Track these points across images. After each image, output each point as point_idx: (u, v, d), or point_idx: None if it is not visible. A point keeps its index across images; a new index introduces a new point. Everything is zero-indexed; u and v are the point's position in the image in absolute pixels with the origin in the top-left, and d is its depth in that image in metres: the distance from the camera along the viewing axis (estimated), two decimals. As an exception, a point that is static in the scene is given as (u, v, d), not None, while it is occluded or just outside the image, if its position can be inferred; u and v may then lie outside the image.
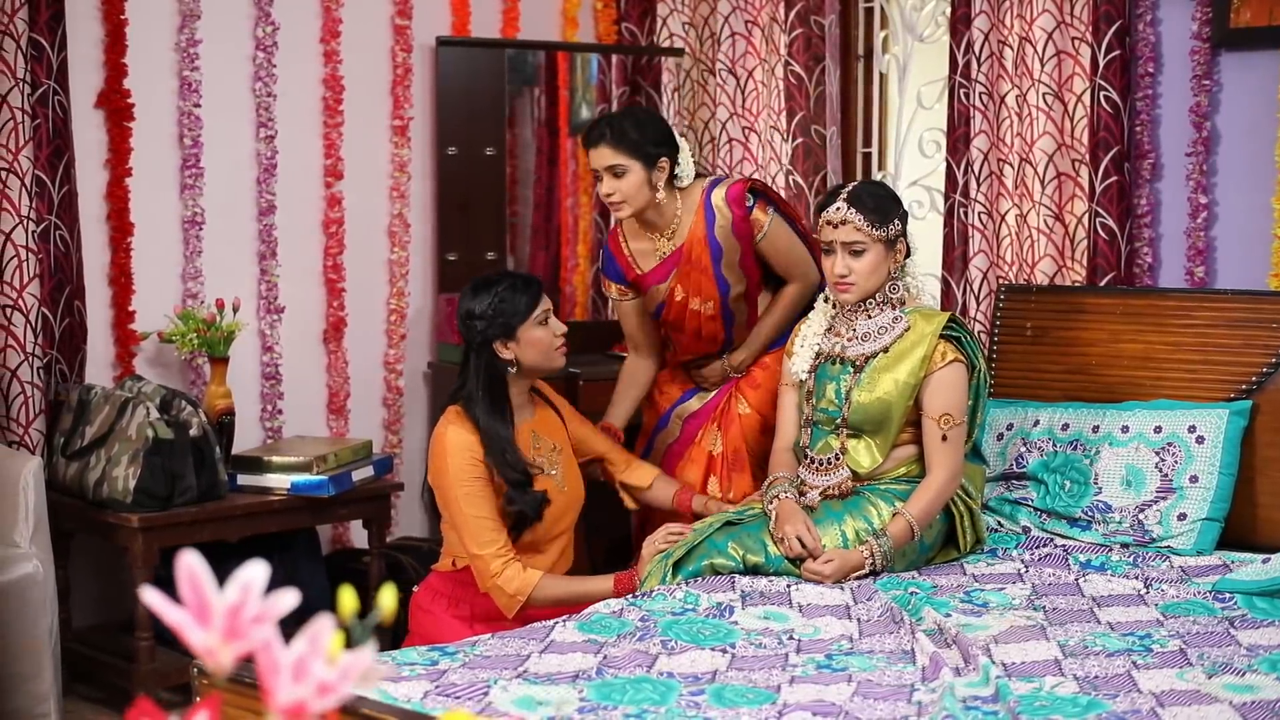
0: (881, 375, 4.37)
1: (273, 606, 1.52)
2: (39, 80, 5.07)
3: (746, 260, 4.88)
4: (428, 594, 4.59)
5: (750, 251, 4.86)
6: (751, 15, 6.31)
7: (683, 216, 4.87)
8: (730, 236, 4.83)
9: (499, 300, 4.46)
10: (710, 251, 4.84)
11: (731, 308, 4.93)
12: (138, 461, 4.93)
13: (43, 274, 5.11)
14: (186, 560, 1.51)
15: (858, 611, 3.95)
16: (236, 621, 1.52)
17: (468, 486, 4.39)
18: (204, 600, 1.52)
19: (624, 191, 4.74)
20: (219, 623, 1.52)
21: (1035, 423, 4.94)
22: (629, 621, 3.81)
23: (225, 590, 1.52)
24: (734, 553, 4.22)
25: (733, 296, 4.90)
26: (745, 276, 4.90)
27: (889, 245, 4.37)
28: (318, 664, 1.50)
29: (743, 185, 4.87)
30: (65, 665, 4.99)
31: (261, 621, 1.52)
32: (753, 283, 4.93)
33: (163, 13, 5.59)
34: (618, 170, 4.73)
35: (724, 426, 4.96)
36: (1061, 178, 5.43)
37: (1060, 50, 5.41)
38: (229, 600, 1.52)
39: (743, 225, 4.82)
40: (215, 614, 1.52)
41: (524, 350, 4.48)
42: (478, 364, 4.47)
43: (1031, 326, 5.19)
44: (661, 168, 4.77)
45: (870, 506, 4.31)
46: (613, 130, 4.75)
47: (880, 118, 6.42)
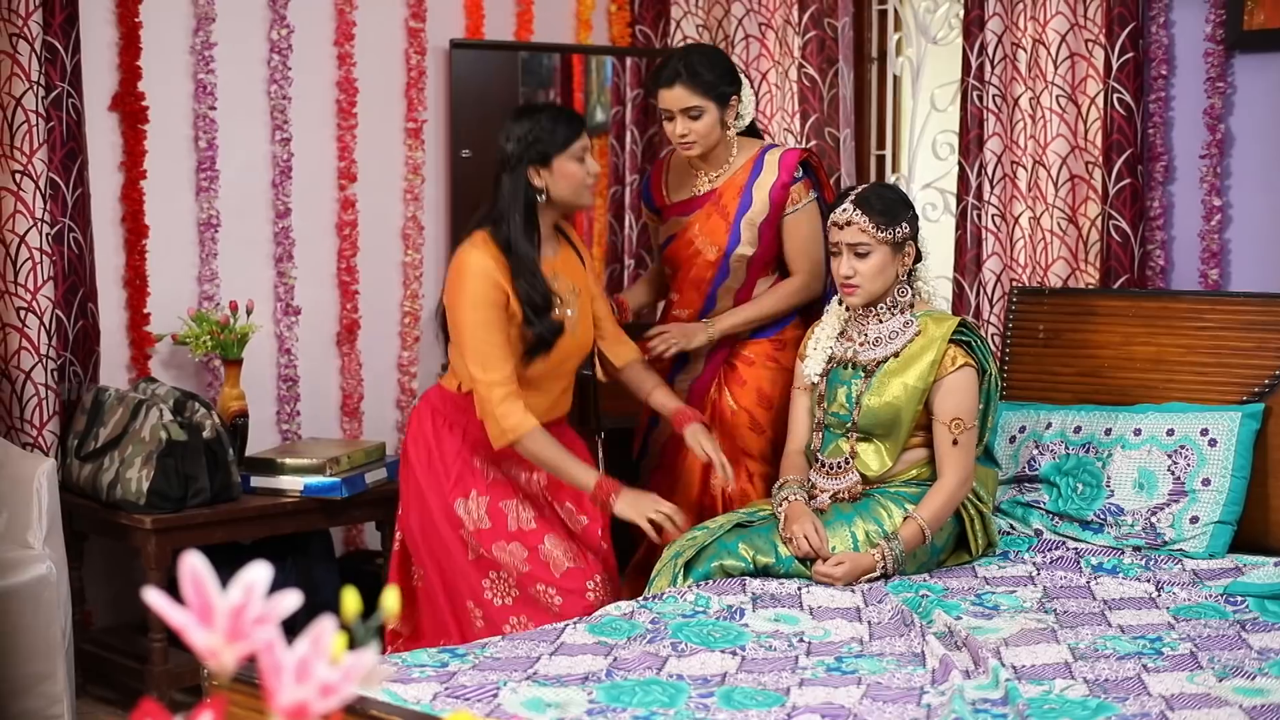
0: (892, 379, 4.37)
1: (275, 607, 1.53)
2: (53, 83, 5.09)
3: (768, 225, 4.86)
4: (426, 408, 4.61)
5: (775, 220, 4.86)
6: (765, 18, 6.31)
7: (734, 162, 4.89)
8: (766, 195, 4.84)
9: (540, 126, 4.45)
10: (741, 200, 4.85)
11: (731, 265, 4.89)
12: (151, 463, 4.94)
13: (57, 276, 5.13)
14: (189, 561, 1.52)
15: (868, 614, 3.95)
16: (239, 622, 1.53)
17: (483, 313, 4.36)
18: (207, 601, 1.53)
19: (698, 132, 4.77)
20: (222, 624, 1.53)
21: (1047, 425, 4.93)
22: (639, 624, 3.81)
23: (229, 591, 1.53)
24: (744, 554, 4.23)
25: (736, 254, 4.87)
26: (759, 239, 4.87)
27: (896, 248, 4.37)
28: (320, 665, 1.50)
29: (800, 154, 4.90)
30: (79, 666, 5.00)
31: (264, 622, 1.53)
32: (763, 248, 4.89)
33: (178, 16, 5.60)
34: (694, 112, 4.75)
35: (715, 421, 4.91)
36: (1075, 180, 5.42)
37: (1074, 52, 5.40)
38: (232, 601, 1.53)
39: (781, 192, 4.84)
40: (218, 615, 1.53)
41: (556, 181, 4.45)
42: (513, 187, 4.44)
43: (1044, 329, 5.19)
44: (733, 106, 4.81)
45: (881, 509, 4.31)
46: (688, 71, 4.76)
47: (894, 120, 6.41)
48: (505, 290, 4.37)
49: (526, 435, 4.34)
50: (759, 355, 4.92)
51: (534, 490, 4.57)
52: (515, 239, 4.39)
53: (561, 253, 4.61)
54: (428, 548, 4.54)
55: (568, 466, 4.40)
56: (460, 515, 4.47)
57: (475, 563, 4.46)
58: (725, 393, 4.94)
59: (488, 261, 4.38)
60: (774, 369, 4.92)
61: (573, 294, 4.57)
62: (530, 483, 4.56)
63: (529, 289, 4.37)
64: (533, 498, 4.54)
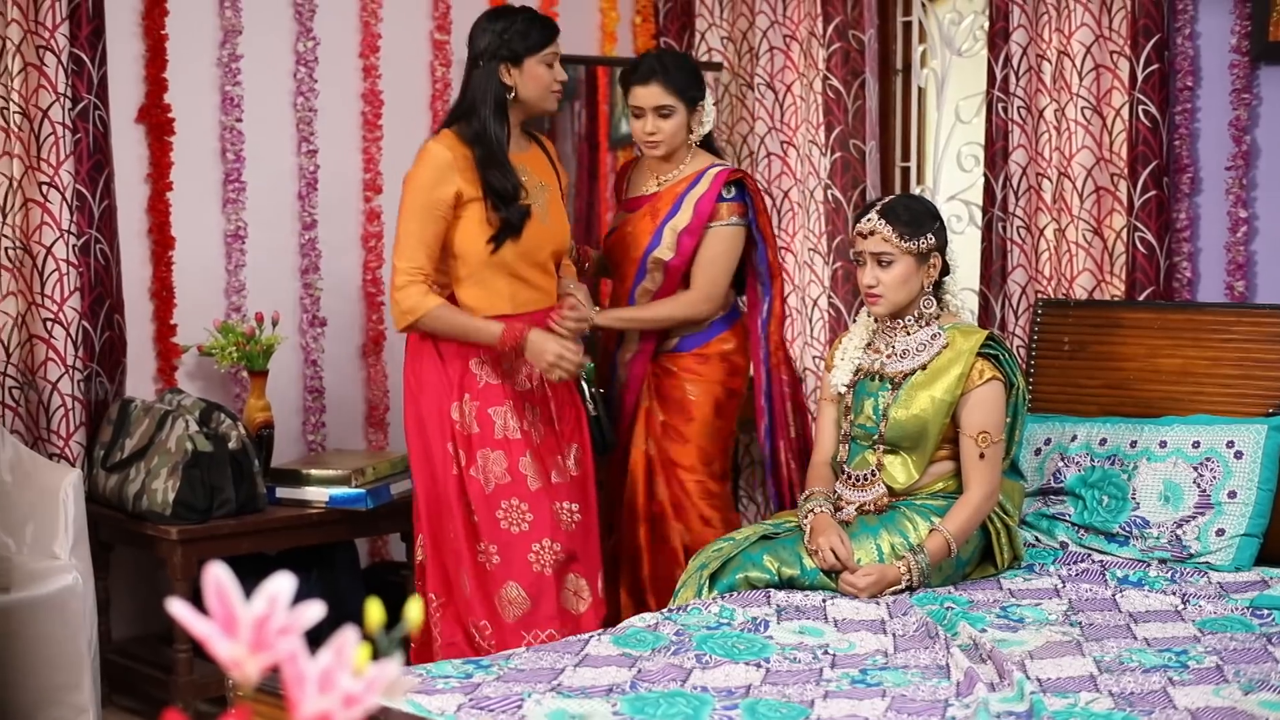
0: (918, 392, 4.36)
1: (299, 618, 1.53)
2: (79, 95, 5.11)
3: (688, 235, 4.94)
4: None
5: (696, 231, 4.93)
6: (790, 30, 6.32)
7: (682, 171, 4.98)
8: (693, 206, 4.91)
9: (514, 27, 4.61)
10: (672, 207, 4.94)
11: (649, 266, 4.98)
12: (177, 474, 4.96)
13: (83, 287, 5.14)
14: (213, 572, 1.52)
15: (893, 626, 3.95)
16: (263, 633, 1.53)
17: (420, 199, 4.56)
18: (231, 612, 1.53)
19: (665, 132, 4.91)
20: (246, 634, 1.53)
21: (1073, 438, 4.92)
22: (664, 635, 3.81)
23: (253, 602, 1.53)
24: (770, 565, 4.23)
25: (653, 256, 4.95)
26: (677, 247, 4.94)
27: (920, 258, 4.37)
28: (344, 676, 1.51)
29: (730, 173, 4.97)
30: (105, 677, 5.01)
31: (288, 633, 1.53)
32: (679, 257, 4.95)
33: (204, 28, 5.62)
34: (665, 111, 4.88)
35: (648, 431, 5.04)
36: (1100, 192, 5.42)
37: (1099, 64, 5.40)
38: (256, 612, 1.53)
39: (706, 204, 4.91)
40: (242, 625, 1.53)
41: (524, 81, 4.60)
42: (484, 83, 4.59)
43: (1069, 341, 5.18)
44: (699, 112, 4.93)
45: (907, 522, 4.30)
46: (664, 70, 4.89)
47: (919, 132, 6.41)
48: (457, 187, 4.55)
49: (426, 314, 4.53)
50: (680, 367, 5.00)
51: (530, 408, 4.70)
52: (485, 130, 4.56)
53: (530, 151, 4.77)
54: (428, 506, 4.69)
55: (474, 328, 4.57)
56: (454, 419, 4.60)
57: (467, 530, 4.59)
58: (654, 404, 5.03)
59: (446, 155, 4.57)
60: (696, 381, 5.00)
61: (540, 189, 4.70)
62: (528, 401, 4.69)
63: (499, 177, 4.54)
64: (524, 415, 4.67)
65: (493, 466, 4.59)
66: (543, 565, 4.57)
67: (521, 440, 4.61)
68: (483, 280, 4.63)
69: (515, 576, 4.57)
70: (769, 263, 5.04)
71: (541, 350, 4.53)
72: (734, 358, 5.06)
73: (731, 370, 5.05)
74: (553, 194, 4.75)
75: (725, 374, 5.03)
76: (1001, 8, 5.59)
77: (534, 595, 4.55)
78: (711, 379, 5.00)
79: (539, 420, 4.68)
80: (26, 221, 5.07)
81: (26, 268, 5.09)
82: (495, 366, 4.63)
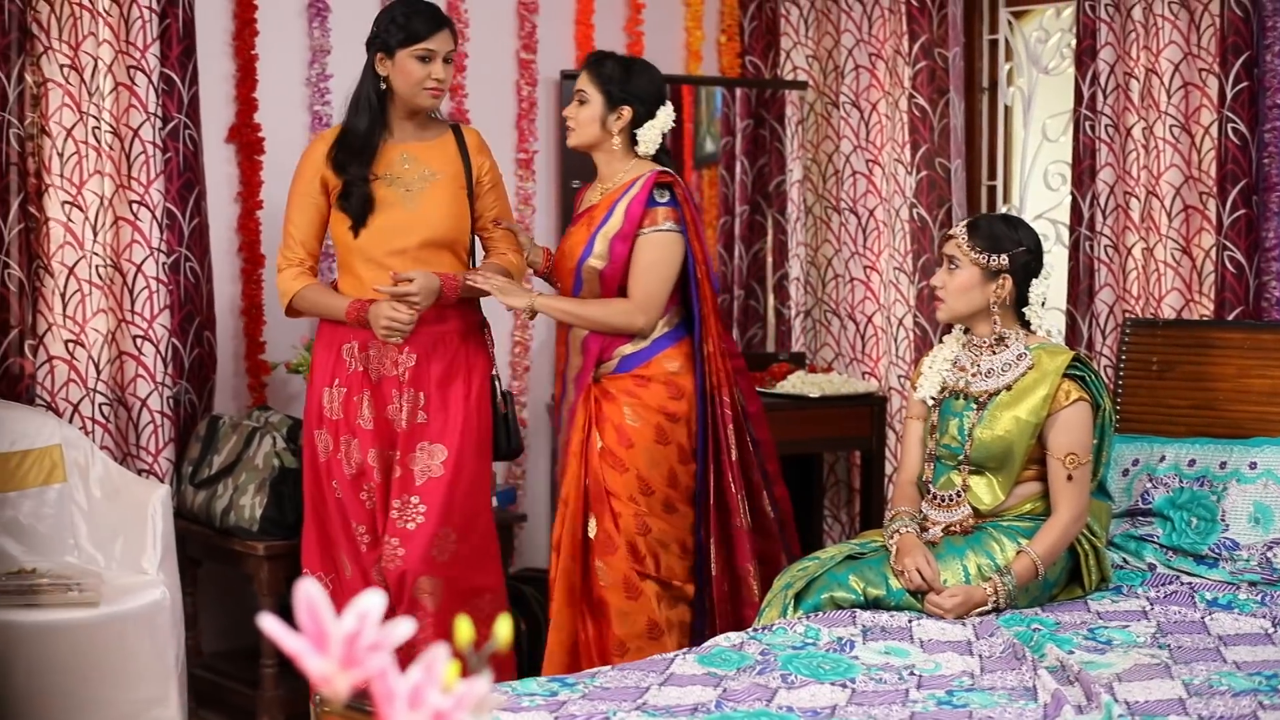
0: (1003, 413, 4.33)
1: (389, 635, 1.54)
2: (170, 114, 5.16)
3: (619, 240, 4.69)
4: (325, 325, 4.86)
5: (628, 236, 4.68)
6: (875, 48, 6.31)
7: (618, 180, 4.78)
8: (623, 210, 4.70)
9: (392, 18, 4.63)
10: (605, 214, 4.74)
11: (584, 275, 4.76)
12: (264, 490, 4.99)
13: (173, 305, 5.20)
14: (305, 588, 1.53)
15: (979, 647, 3.92)
16: (353, 649, 1.54)
17: (296, 191, 4.75)
18: (322, 628, 1.54)
19: (577, 119, 4.78)
20: (336, 650, 1.54)
21: (1161, 458, 4.88)
22: (749, 655, 3.80)
23: (343, 618, 1.54)
24: (855, 586, 4.21)
25: (587, 265, 4.74)
26: (609, 254, 4.71)
27: (987, 274, 4.34)
28: (433, 692, 1.51)
29: (657, 176, 4.71)
30: (192, 691, 5.04)
31: (378, 650, 1.54)
32: (612, 265, 4.70)
33: (293, 48, 5.67)
34: (582, 96, 4.76)
35: (585, 462, 4.73)
36: (1189, 211, 5.38)
37: (1187, 82, 5.37)
38: (346, 628, 1.54)
39: (637, 208, 4.68)
40: (333, 642, 1.54)
41: (395, 74, 4.64)
42: (365, 72, 4.69)
43: (1158, 361, 5.13)
44: (620, 115, 4.74)
45: (993, 543, 4.28)
46: (596, 59, 4.81)
47: (1005, 150, 6.38)
48: (323, 176, 4.69)
49: (295, 296, 4.71)
50: (619, 390, 4.71)
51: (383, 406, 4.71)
52: (352, 120, 4.66)
53: (431, 140, 4.79)
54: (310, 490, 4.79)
55: (330, 306, 4.69)
56: (324, 404, 4.71)
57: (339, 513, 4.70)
58: (594, 432, 4.73)
59: (320, 147, 4.72)
60: (634, 405, 4.69)
61: (424, 177, 4.72)
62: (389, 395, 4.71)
63: (352, 164, 4.62)
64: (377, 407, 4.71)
65: (354, 452, 4.68)
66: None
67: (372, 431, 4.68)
68: (350, 267, 4.74)
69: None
70: (697, 278, 4.72)
71: (375, 316, 4.54)
72: (678, 379, 4.74)
73: (675, 393, 4.72)
74: (442, 182, 4.74)
75: (668, 397, 4.71)
76: (1089, 25, 5.56)
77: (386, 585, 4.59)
78: (651, 403, 4.69)
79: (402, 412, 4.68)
80: (117, 239, 5.13)
81: (117, 285, 5.14)
82: (363, 353, 4.69)
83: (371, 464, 4.66)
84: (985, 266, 4.33)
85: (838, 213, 6.54)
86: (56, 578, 4.68)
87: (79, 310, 5.09)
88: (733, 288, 6.79)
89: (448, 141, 4.81)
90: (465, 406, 4.72)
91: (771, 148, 6.71)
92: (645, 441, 4.68)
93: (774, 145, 6.70)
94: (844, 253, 6.52)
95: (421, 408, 4.67)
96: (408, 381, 4.66)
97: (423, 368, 4.67)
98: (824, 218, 6.64)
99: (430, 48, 4.62)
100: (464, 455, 4.69)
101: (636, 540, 4.66)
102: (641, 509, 4.67)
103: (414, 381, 4.67)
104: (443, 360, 4.72)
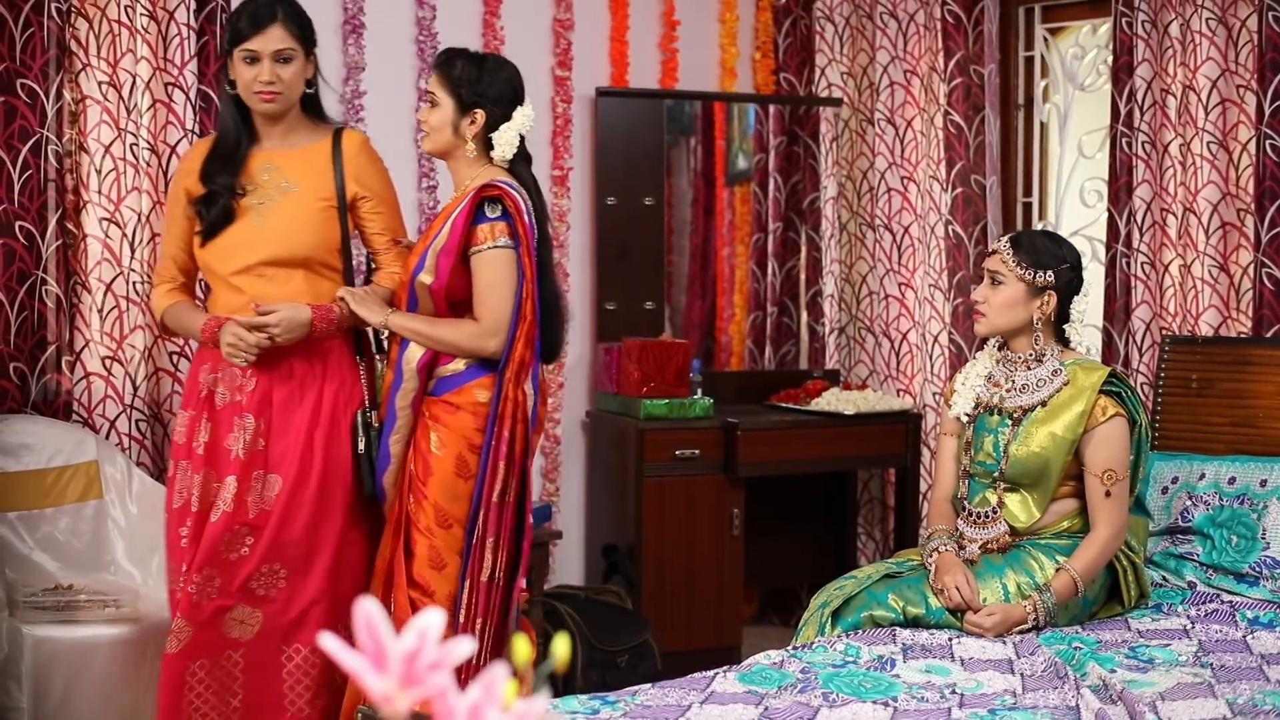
0: (1038, 429, 4.32)
1: (449, 653, 1.54)
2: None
3: (445, 255, 4.31)
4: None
5: (453, 251, 4.30)
6: (911, 65, 6.31)
7: (467, 189, 4.38)
8: (450, 223, 4.32)
9: (233, 15, 4.34)
10: (439, 228, 4.37)
11: (416, 290, 4.36)
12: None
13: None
14: (364, 607, 1.53)
15: (1020, 666, 3.90)
16: (413, 668, 1.53)
17: (169, 201, 4.49)
18: (381, 646, 1.54)
19: (429, 123, 4.41)
20: (396, 669, 1.53)
21: (1201, 476, 4.86)
22: (790, 673, 3.79)
23: (403, 637, 1.53)
24: (894, 604, 4.19)
25: (418, 280, 4.34)
26: (435, 269, 4.31)
27: (1032, 290, 4.33)
28: (492, 712, 1.51)
29: (484, 190, 4.31)
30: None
31: (438, 668, 1.53)
32: (439, 281, 4.30)
33: (327, 65, 5.66)
34: (433, 99, 4.40)
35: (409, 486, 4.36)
36: (1226, 227, 5.36)
37: (1224, 98, 5.35)
38: (406, 647, 1.53)
39: (461, 222, 4.29)
40: (392, 660, 1.54)
41: (236, 78, 4.33)
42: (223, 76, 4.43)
43: (1197, 378, 5.12)
44: (474, 119, 4.35)
45: (1032, 560, 4.26)
46: (446, 58, 4.44)
47: (1040, 167, 6.37)
48: (187, 186, 4.37)
49: (163, 315, 4.45)
50: (430, 414, 4.35)
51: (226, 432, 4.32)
52: (222, 119, 4.42)
53: (300, 148, 4.40)
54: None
55: (189, 328, 4.40)
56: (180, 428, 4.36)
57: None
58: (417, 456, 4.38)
59: (193, 155, 4.45)
60: (441, 432, 4.32)
61: (279, 190, 4.33)
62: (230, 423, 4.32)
63: (216, 171, 4.31)
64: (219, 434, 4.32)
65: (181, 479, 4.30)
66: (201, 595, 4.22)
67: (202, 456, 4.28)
68: (211, 285, 4.45)
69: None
70: (520, 296, 4.34)
71: (223, 335, 4.22)
72: (486, 410, 4.33)
73: (481, 424, 4.33)
74: (298, 195, 4.35)
75: (474, 428, 4.31)
76: (1126, 42, 5.55)
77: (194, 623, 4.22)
78: (457, 432, 4.31)
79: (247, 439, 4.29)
80: (154, 255, 5.14)
81: (154, 303, 5.15)
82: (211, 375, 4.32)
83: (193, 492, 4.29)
84: (1031, 283, 4.31)
85: (872, 229, 6.53)
86: (94, 594, 4.69)
87: (116, 327, 5.10)
88: (765, 304, 6.78)
89: (320, 149, 4.41)
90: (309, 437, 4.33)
91: (805, 164, 6.71)
92: (445, 472, 4.30)
93: (808, 162, 6.70)
94: (879, 269, 6.52)
95: (261, 434, 4.30)
96: (249, 407, 4.30)
97: (265, 393, 4.31)
98: (859, 234, 6.64)
99: (252, 48, 4.24)
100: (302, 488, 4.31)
101: (427, 574, 4.30)
102: (437, 542, 4.29)
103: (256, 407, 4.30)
104: (286, 386, 4.33)
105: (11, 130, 4.93)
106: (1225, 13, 5.36)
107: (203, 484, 4.26)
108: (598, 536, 6.31)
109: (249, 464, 4.27)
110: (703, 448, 6.01)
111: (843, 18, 6.58)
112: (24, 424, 4.95)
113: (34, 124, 4.95)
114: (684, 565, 6.01)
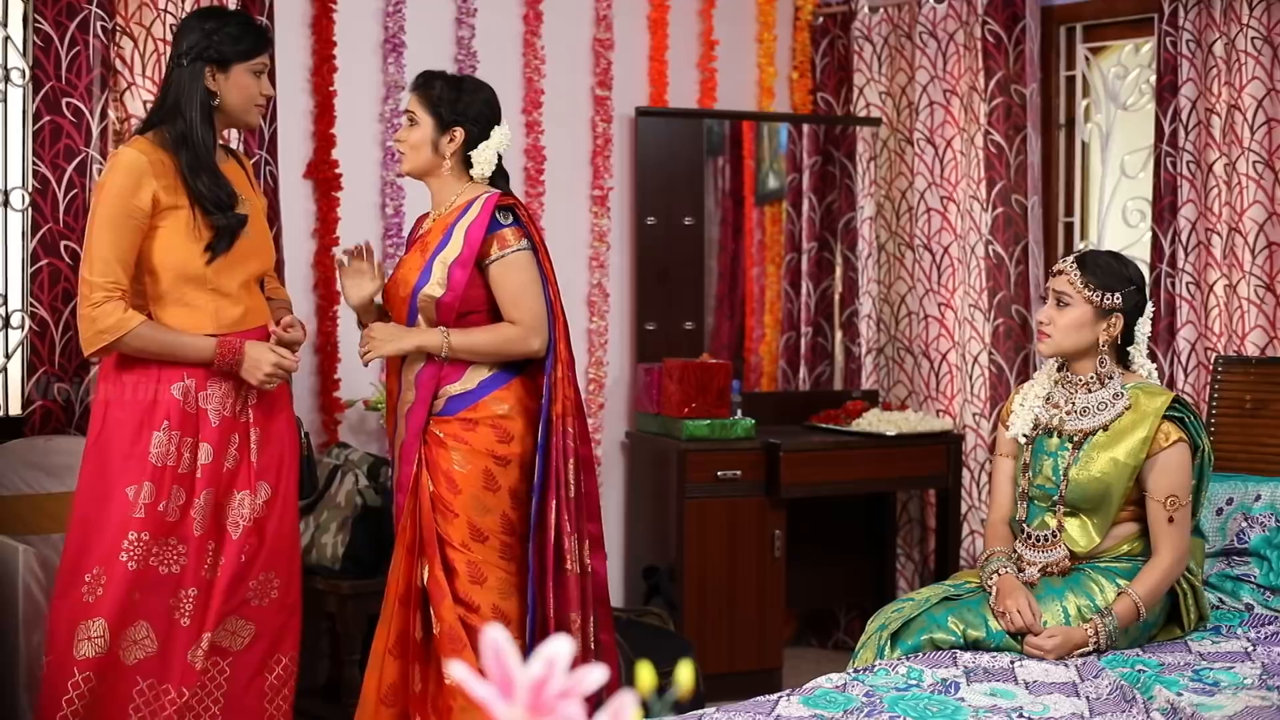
0: (1100, 454, 4.28)
1: (580, 681, 1.51)
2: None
3: (459, 266, 4.41)
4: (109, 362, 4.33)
5: (468, 262, 4.40)
6: (950, 85, 6.30)
7: (453, 203, 4.50)
8: (463, 234, 4.42)
9: (226, 30, 4.29)
10: (441, 239, 4.45)
11: (419, 304, 4.45)
12: (346, 528, 4.98)
13: (253, 342, 5.17)
14: (491, 634, 1.51)
15: (1085, 689, 3.86)
16: (541, 696, 1.51)
17: (114, 209, 4.15)
18: (508, 674, 1.51)
19: (408, 142, 4.49)
20: (523, 698, 1.51)
21: (1256, 497, 4.83)
22: (854, 696, 3.76)
23: (530, 665, 1.51)
24: (954, 627, 4.16)
25: (423, 293, 4.43)
26: (448, 281, 4.41)
27: (1099, 313, 4.28)
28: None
29: (498, 198, 4.46)
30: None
31: (568, 696, 1.51)
32: (451, 293, 4.40)
33: (367, 84, 5.68)
34: (412, 118, 4.49)
35: (417, 506, 4.45)
36: (1272, 247, 5.34)
37: (1270, 118, 5.33)
38: (533, 674, 1.51)
39: (478, 232, 4.40)
40: (519, 689, 1.51)
41: (229, 89, 4.29)
42: (189, 86, 4.25)
43: (1250, 399, 5.09)
44: (453, 138, 4.47)
45: (1092, 584, 4.22)
46: (425, 80, 4.53)
47: (1082, 187, 6.35)
48: (154, 193, 4.18)
49: (128, 333, 4.12)
50: (447, 434, 4.42)
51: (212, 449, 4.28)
52: (192, 134, 4.23)
53: (229, 164, 4.41)
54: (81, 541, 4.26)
55: (184, 345, 4.21)
56: (151, 451, 4.20)
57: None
58: (425, 476, 4.44)
59: (141, 160, 4.19)
60: (462, 449, 4.40)
61: (243, 201, 4.34)
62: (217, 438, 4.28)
63: (211, 184, 4.23)
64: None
65: (173, 499, 4.21)
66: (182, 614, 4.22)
67: (203, 478, 4.23)
68: (182, 297, 4.25)
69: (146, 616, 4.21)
70: (549, 299, 4.50)
71: (259, 360, 4.21)
72: (506, 422, 4.44)
73: (504, 436, 4.43)
74: (254, 210, 4.41)
75: (496, 440, 4.42)
76: (1170, 61, 5.53)
77: (163, 640, 4.21)
78: (479, 448, 4.40)
79: (236, 453, 4.30)
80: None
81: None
82: (200, 392, 4.25)
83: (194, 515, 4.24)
84: (1098, 305, 4.27)
85: (911, 250, 6.51)
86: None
87: (160, 347, 5.07)
88: (799, 324, 6.76)
89: (237, 168, 4.46)
90: (291, 441, 4.46)
91: (841, 184, 6.69)
92: (473, 487, 4.40)
93: (844, 182, 6.68)
94: (918, 290, 6.50)
95: (257, 445, 4.35)
96: (256, 421, 4.34)
97: (257, 405, 4.35)
98: (897, 254, 6.62)
99: (265, 63, 4.37)
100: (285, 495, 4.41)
101: (471, 590, 4.37)
102: (475, 556, 4.38)
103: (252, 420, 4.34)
104: (268, 395, 4.36)
105: (57, 149, 4.91)
106: (1271, 32, 5.34)
107: (213, 503, 4.24)
108: (637, 558, 6.29)
109: (248, 477, 4.31)
110: (744, 469, 5.98)
111: (881, 38, 6.57)
112: (68, 444, 4.93)
113: (79, 143, 4.94)
114: (725, 587, 5.98)
